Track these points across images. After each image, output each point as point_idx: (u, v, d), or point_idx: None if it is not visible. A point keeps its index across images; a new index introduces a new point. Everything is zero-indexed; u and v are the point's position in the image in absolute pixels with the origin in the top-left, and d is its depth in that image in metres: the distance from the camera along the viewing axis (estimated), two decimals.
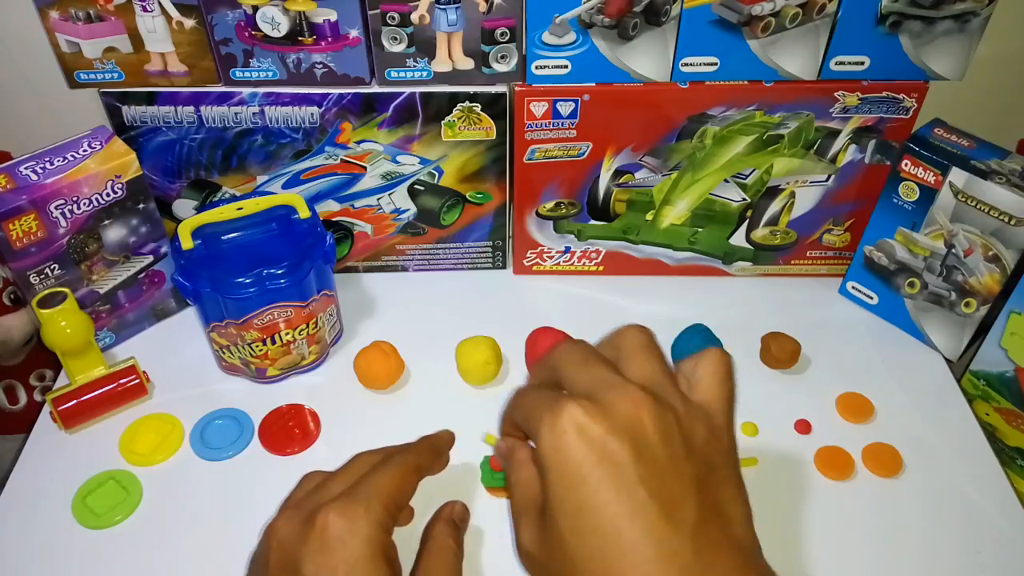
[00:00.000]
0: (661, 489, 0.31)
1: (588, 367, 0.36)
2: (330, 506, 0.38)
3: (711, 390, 0.36)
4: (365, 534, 0.38)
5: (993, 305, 0.68)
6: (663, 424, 0.33)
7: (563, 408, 0.33)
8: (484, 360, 0.67)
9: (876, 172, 0.72)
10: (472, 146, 0.71)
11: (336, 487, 0.41)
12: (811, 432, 0.66)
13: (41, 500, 0.61)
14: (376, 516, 0.38)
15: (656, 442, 0.32)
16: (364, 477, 0.41)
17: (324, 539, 0.37)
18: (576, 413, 0.32)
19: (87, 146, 0.65)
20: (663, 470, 0.32)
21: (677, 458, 0.32)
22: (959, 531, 0.60)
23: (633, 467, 0.31)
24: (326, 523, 0.38)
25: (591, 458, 0.32)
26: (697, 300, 0.78)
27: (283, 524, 0.39)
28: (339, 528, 0.37)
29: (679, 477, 0.32)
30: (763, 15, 0.62)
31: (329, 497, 0.40)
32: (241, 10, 0.62)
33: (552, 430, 0.32)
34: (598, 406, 0.33)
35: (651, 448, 0.32)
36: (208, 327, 0.66)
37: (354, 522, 0.38)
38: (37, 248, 0.63)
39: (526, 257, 0.80)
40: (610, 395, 0.33)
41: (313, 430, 0.66)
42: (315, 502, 0.40)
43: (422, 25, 0.63)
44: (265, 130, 0.69)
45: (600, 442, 0.32)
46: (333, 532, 0.37)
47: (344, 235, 0.78)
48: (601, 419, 0.32)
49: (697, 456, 0.33)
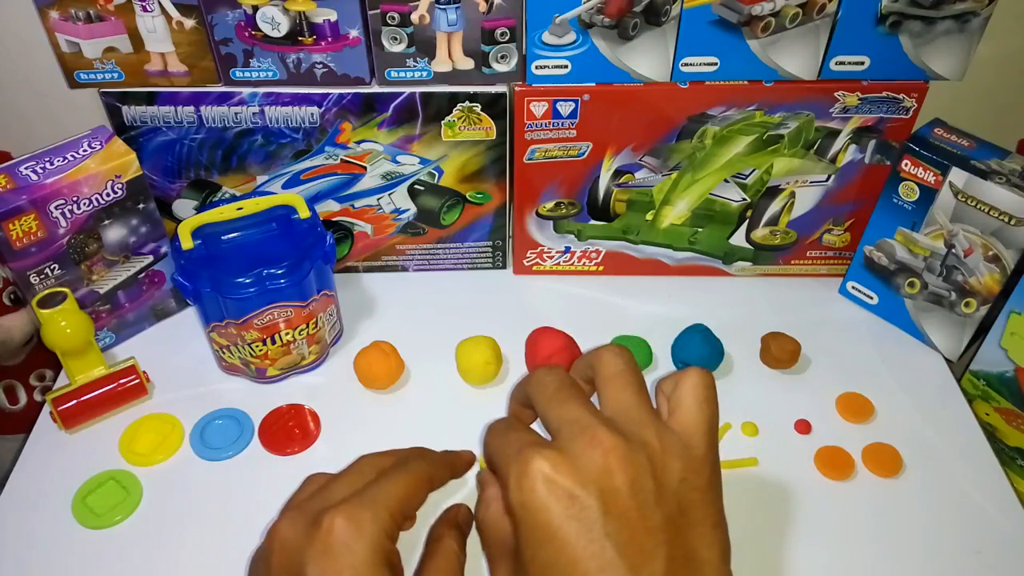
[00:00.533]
0: (629, 544, 0.31)
1: (560, 403, 0.35)
2: (338, 509, 0.38)
3: (690, 415, 0.36)
4: (371, 540, 0.37)
5: (993, 305, 0.68)
6: (633, 471, 0.32)
7: (530, 460, 0.32)
8: (484, 360, 0.68)
9: (876, 172, 0.72)
10: (472, 146, 0.71)
11: (341, 490, 0.41)
12: (811, 432, 0.66)
13: (41, 500, 0.61)
14: (383, 523, 0.38)
15: (625, 491, 0.32)
16: (374, 482, 0.40)
17: (329, 542, 0.37)
18: (543, 466, 0.32)
19: (87, 146, 0.65)
20: (632, 522, 0.32)
21: (647, 506, 0.32)
22: (959, 531, 0.60)
23: (601, 522, 0.31)
24: (332, 526, 0.37)
25: (560, 514, 0.31)
26: (697, 300, 0.78)
27: (286, 526, 0.39)
28: (345, 532, 0.37)
29: (648, 529, 0.32)
30: (763, 15, 0.62)
31: (334, 500, 0.39)
32: (241, 10, 0.62)
33: (520, 484, 0.32)
34: (565, 457, 0.32)
35: (620, 499, 0.32)
36: (208, 327, 0.66)
37: (360, 527, 0.37)
38: (37, 248, 0.63)
39: (526, 257, 0.80)
40: (579, 442, 0.33)
41: (313, 430, 0.66)
42: (320, 504, 0.39)
43: (422, 25, 0.63)
44: (265, 130, 0.69)
45: (568, 496, 0.31)
46: (339, 536, 0.37)
47: (344, 235, 0.78)
48: (568, 472, 0.32)
49: (670, 499, 0.33)
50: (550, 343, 0.67)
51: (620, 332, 0.72)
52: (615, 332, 0.72)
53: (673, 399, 0.37)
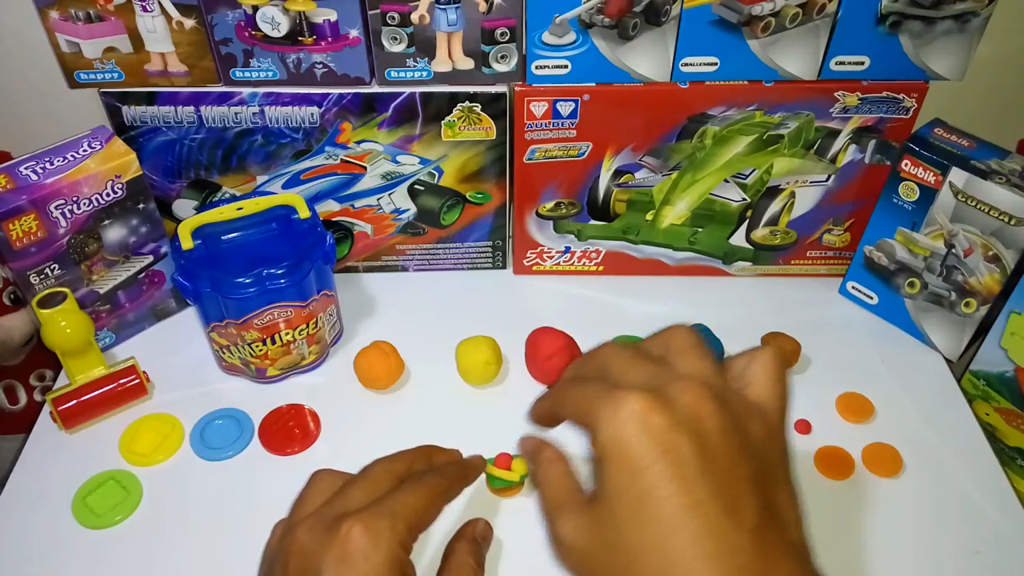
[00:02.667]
0: (722, 486, 0.31)
1: (640, 363, 0.35)
2: (356, 517, 0.38)
3: (765, 389, 0.36)
4: (387, 551, 0.37)
5: (993, 305, 0.68)
6: (723, 420, 0.32)
7: (624, 398, 0.32)
8: (484, 360, 0.67)
9: (876, 172, 0.72)
10: (472, 146, 0.71)
11: (357, 496, 0.41)
12: (811, 432, 0.66)
13: (41, 500, 0.61)
14: (400, 535, 0.38)
15: (717, 438, 0.32)
16: (392, 493, 0.41)
17: (347, 550, 0.37)
18: (638, 404, 0.32)
19: (87, 146, 0.65)
20: (724, 467, 0.31)
21: (736, 456, 0.32)
22: (959, 531, 0.60)
23: (695, 461, 0.31)
24: (350, 534, 0.37)
25: (654, 449, 0.31)
26: (697, 300, 0.78)
27: (304, 533, 0.39)
28: (363, 542, 0.37)
29: (739, 476, 0.32)
30: (763, 15, 0.62)
31: (352, 507, 0.39)
32: (241, 10, 0.62)
33: (612, 420, 0.32)
34: (660, 398, 0.32)
35: (712, 443, 0.32)
36: (208, 327, 0.66)
37: (378, 537, 0.37)
38: (37, 248, 0.63)
39: (526, 257, 0.80)
40: (671, 388, 0.33)
41: (313, 430, 0.66)
42: (337, 511, 0.39)
43: (422, 25, 0.63)
44: (265, 130, 0.69)
45: (662, 434, 0.31)
46: (357, 545, 0.37)
47: (344, 235, 0.78)
48: (663, 411, 0.32)
49: (755, 455, 0.33)
50: (550, 343, 0.67)
51: (620, 332, 0.72)
52: (615, 332, 0.72)
53: (746, 376, 0.36)
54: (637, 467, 0.31)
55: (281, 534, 0.41)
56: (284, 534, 0.40)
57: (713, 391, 0.33)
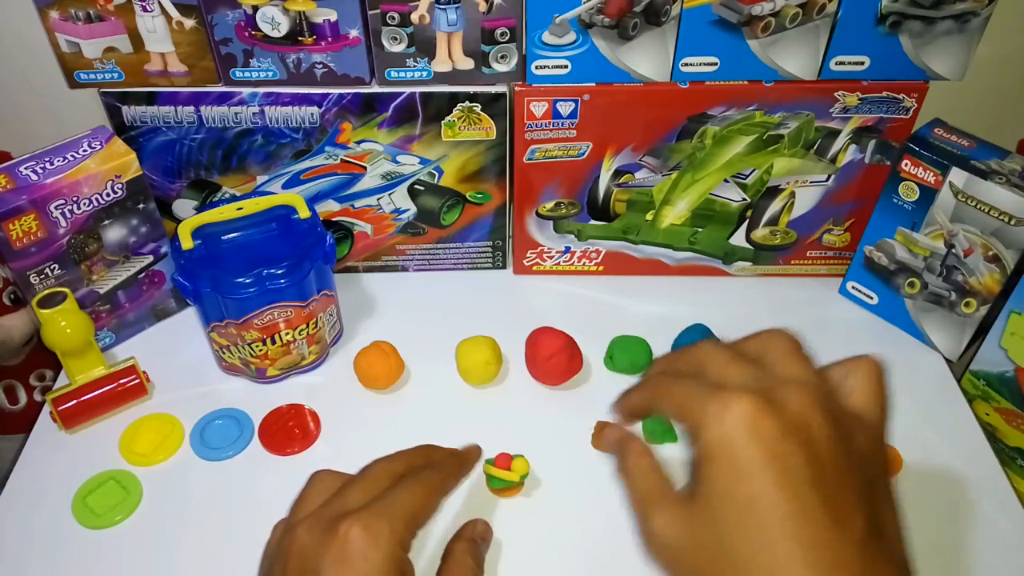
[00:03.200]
0: (831, 497, 0.31)
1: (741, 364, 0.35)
2: (355, 517, 0.38)
3: (867, 399, 0.35)
4: (386, 551, 0.38)
5: (993, 305, 0.68)
6: (832, 430, 0.32)
7: (733, 400, 0.31)
8: (484, 360, 0.67)
9: (876, 172, 0.72)
10: (472, 146, 0.71)
11: (357, 495, 0.41)
12: None
13: (41, 500, 0.61)
14: (398, 534, 0.38)
15: (826, 447, 0.31)
16: (389, 491, 0.41)
17: (346, 550, 0.37)
18: (748, 406, 0.31)
19: (87, 146, 0.65)
20: (833, 478, 0.31)
21: (844, 467, 0.32)
22: (959, 531, 0.59)
23: (806, 470, 0.30)
24: (348, 535, 0.38)
25: (763, 455, 0.31)
26: (697, 300, 0.78)
27: (303, 533, 0.39)
28: (362, 542, 0.37)
29: (847, 486, 0.31)
30: (763, 15, 0.62)
31: (351, 507, 0.40)
32: (241, 10, 0.62)
33: (721, 421, 0.31)
34: (769, 403, 0.31)
35: (822, 453, 0.31)
36: (208, 327, 0.66)
37: (377, 538, 0.38)
38: (37, 248, 0.63)
39: (526, 257, 0.80)
40: (778, 392, 0.32)
41: (313, 430, 0.66)
42: (336, 511, 0.39)
43: (422, 25, 0.63)
44: (265, 130, 0.69)
45: (773, 440, 0.31)
46: (355, 545, 0.37)
47: (344, 235, 0.78)
48: (774, 416, 0.31)
49: (861, 467, 0.32)
50: (550, 343, 0.67)
51: (620, 332, 0.72)
52: (615, 332, 0.72)
53: (845, 385, 0.36)
54: (746, 472, 0.31)
55: (280, 534, 0.41)
56: (283, 534, 0.40)
57: (820, 399, 0.32)
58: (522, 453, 0.61)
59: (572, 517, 0.60)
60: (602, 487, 0.62)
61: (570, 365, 0.68)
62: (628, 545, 0.59)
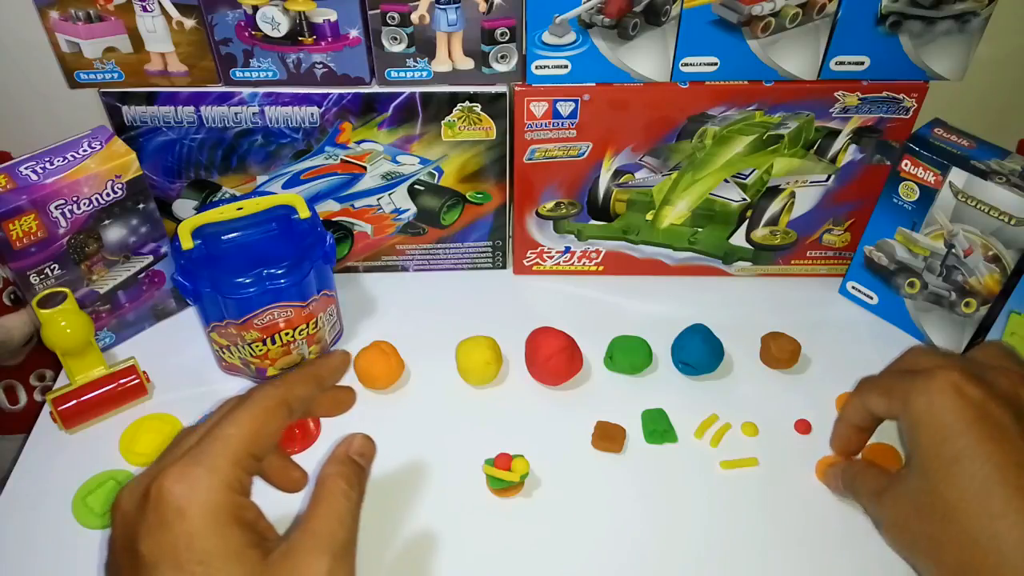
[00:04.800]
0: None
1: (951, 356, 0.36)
2: (165, 473, 0.33)
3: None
4: (206, 499, 0.33)
5: (993, 305, 0.68)
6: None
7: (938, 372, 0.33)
8: (484, 360, 0.67)
9: (876, 172, 0.72)
10: (472, 146, 0.71)
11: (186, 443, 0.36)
12: (811, 432, 0.66)
13: (41, 500, 0.61)
14: (222, 475, 0.33)
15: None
16: (211, 428, 0.35)
17: (160, 512, 0.32)
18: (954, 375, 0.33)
19: (87, 146, 0.65)
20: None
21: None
22: None
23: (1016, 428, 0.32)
24: (160, 493, 0.33)
25: (970, 414, 0.32)
26: (697, 300, 0.78)
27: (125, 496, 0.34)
28: (175, 497, 0.32)
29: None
30: (763, 15, 0.62)
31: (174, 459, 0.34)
32: (241, 10, 0.62)
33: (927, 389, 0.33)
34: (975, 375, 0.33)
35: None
36: (208, 327, 0.66)
37: (192, 487, 0.33)
38: (37, 248, 0.63)
39: (526, 257, 0.80)
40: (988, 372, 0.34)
41: (313, 430, 0.66)
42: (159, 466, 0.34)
43: (422, 25, 0.63)
44: (265, 130, 0.69)
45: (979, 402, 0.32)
46: (169, 502, 0.32)
47: (344, 235, 0.78)
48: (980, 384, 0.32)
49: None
50: (550, 343, 0.67)
51: (620, 332, 0.72)
52: (615, 332, 0.72)
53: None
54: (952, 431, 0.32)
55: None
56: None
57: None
58: (522, 453, 0.61)
59: (572, 517, 0.60)
60: (602, 487, 0.62)
61: (570, 365, 0.68)
62: (628, 545, 0.59)
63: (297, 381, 0.39)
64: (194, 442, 0.35)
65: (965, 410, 0.32)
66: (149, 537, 0.32)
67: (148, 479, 0.34)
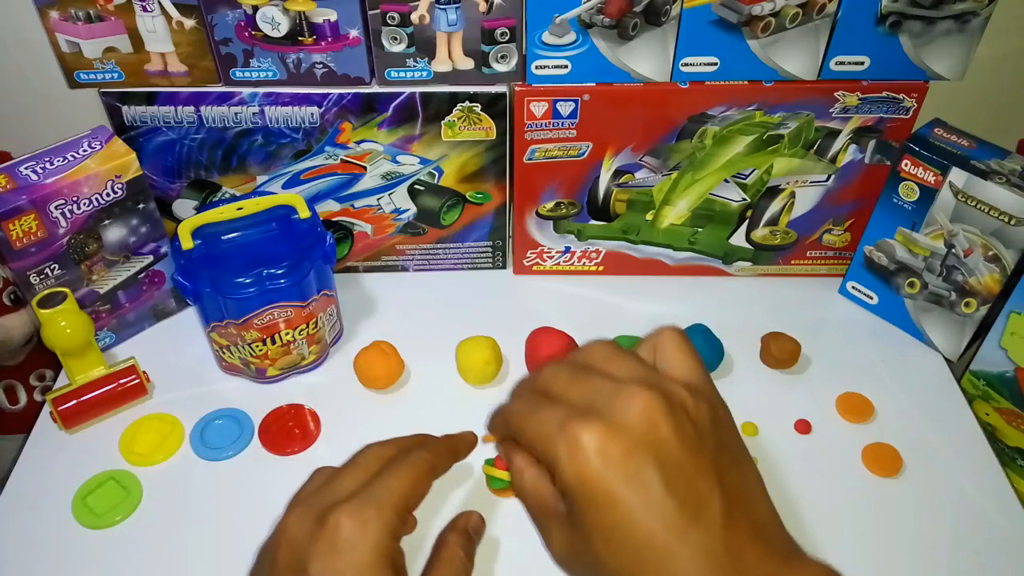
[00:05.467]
0: (687, 492, 0.32)
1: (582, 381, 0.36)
2: (342, 507, 0.38)
3: (684, 365, 0.36)
4: (375, 539, 0.37)
5: (993, 305, 0.68)
6: (675, 419, 0.33)
7: (578, 434, 0.32)
8: (484, 360, 0.67)
9: (876, 172, 0.72)
10: (472, 146, 0.71)
11: (347, 483, 0.40)
12: (811, 432, 0.66)
13: (41, 500, 0.61)
14: (387, 521, 0.38)
15: (673, 440, 0.32)
16: (377, 476, 0.40)
17: (334, 541, 0.37)
18: (591, 438, 0.32)
19: (87, 146, 0.65)
20: (686, 470, 0.32)
21: (694, 449, 0.33)
22: (959, 531, 0.60)
23: (658, 478, 0.32)
24: (337, 524, 0.37)
25: (618, 480, 0.32)
26: (697, 300, 0.78)
27: (294, 521, 0.39)
28: (349, 531, 0.37)
29: (701, 472, 0.32)
30: (763, 15, 0.62)
31: (340, 496, 0.39)
32: (241, 10, 0.62)
33: (572, 459, 0.33)
34: (609, 423, 0.32)
35: (670, 449, 0.32)
36: (208, 327, 0.66)
37: (365, 525, 0.37)
38: (37, 248, 0.63)
39: (526, 257, 0.80)
40: (616, 404, 0.33)
41: (313, 430, 0.66)
42: (326, 500, 0.39)
43: (422, 25, 0.63)
44: (265, 130, 0.69)
45: (623, 461, 0.32)
46: (343, 534, 0.37)
47: (344, 235, 0.78)
48: (617, 436, 0.32)
49: (709, 439, 0.34)
50: (550, 343, 0.67)
51: (620, 332, 0.72)
52: (615, 332, 0.72)
53: (659, 360, 0.37)
54: (606, 502, 0.32)
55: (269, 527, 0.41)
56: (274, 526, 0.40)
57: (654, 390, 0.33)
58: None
59: None
60: None
61: None
62: None
63: (442, 453, 0.44)
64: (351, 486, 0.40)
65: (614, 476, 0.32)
66: (320, 561, 0.36)
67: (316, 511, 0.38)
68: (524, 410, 0.37)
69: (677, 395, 0.34)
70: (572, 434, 0.33)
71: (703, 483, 0.32)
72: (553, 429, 0.34)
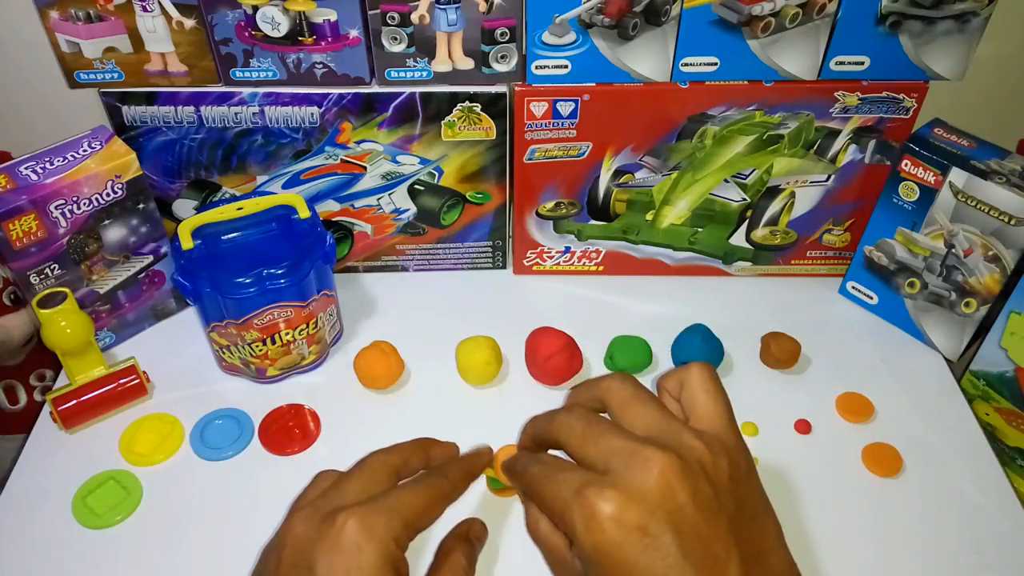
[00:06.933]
0: (705, 557, 0.32)
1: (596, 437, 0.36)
2: (351, 510, 0.38)
3: (709, 410, 0.36)
4: (381, 545, 0.38)
5: (993, 305, 0.68)
6: (692, 482, 0.33)
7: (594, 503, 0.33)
8: (484, 360, 0.67)
9: (876, 172, 0.72)
10: (472, 146, 0.71)
11: (353, 488, 0.41)
12: (811, 432, 0.66)
13: (41, 500, 0.61)
14: (395, 531, 0.38)
15: (690, 506, 0.32)
16: (393, 490, 0.41)
17: (340, 540, 0.37)
18: (608, 507, 0.32)
19: (87, 146, 0.65)
20: (703, 535, 0.32)
21: (712, 513, 0.33)
22: (959, 531, 0.60)
23: (675, 544, 0.32)
24: (345, 526, 0.38)
25: (636, 548, 0.32)
26: (697, 300, 0.78)
27: (299, 522, 0.39)
28: (356, 533, 0.37)
29: (718, 536, 0.33)
30: (763, 15, 0.62)
31: (348, 500, 0.40)
32: (241, 10, 0.62)
33: (589, 528, 0.33)
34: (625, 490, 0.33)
35: (687, 515, 0.32)
36: (208, 327, 0.66)
37: (372, 531, 0.38)
38: (37, 248, 0.63)
39: (526, 257, 0.80)
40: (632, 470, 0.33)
41: (313, 430, 0.66)
42: (333, 503, 0.40)
43: (422, 25, 0.63)
44: (265, 130, 0.69)
45: (639, 530, 0.32)
46: (350, 536, 0.37)
47: (344, 235, 0.78)
48: (633, 505, 0.32)
49: (728, 499, 0.34)
50: (550, 343, 0.67)
51: (620, 332, 0.72)
52: (615, 332, 0.72)
53: (685, 399, 0.37)
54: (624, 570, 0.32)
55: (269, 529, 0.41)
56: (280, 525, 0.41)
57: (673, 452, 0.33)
58: None
59: None
60: None
61: (570, 365, 0.68)
62: None
63: (459, 479, 0.45)
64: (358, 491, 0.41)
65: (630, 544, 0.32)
66: (327, 558, 0.37)
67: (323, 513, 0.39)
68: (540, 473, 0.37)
69: (695, 453, 0.34)
70: (588, 502, 0.33)
71: (720, 546, 0.32)
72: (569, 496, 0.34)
